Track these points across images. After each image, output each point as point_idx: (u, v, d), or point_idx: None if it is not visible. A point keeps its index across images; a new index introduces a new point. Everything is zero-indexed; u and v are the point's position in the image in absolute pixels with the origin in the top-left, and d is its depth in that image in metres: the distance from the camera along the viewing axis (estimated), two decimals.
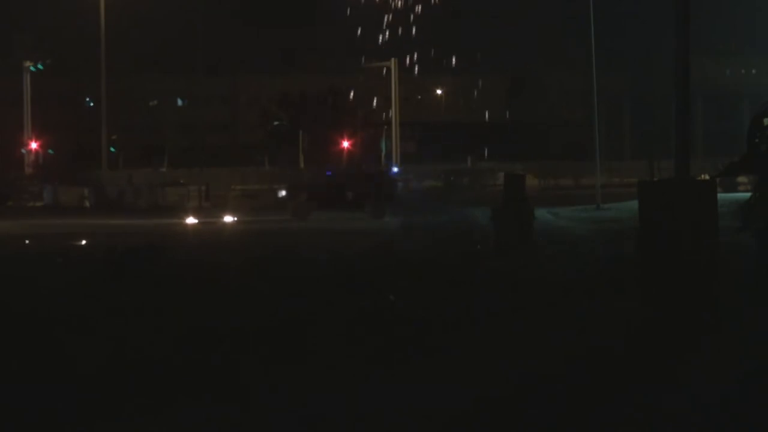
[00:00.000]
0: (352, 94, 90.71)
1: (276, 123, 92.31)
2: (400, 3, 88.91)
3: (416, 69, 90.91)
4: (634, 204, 18.93)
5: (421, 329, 14.03)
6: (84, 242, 32.45)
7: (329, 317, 15.17)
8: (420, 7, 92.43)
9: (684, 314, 14.41)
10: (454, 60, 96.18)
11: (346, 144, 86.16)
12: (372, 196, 47.13)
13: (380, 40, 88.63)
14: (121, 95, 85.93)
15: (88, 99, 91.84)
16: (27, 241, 33.04)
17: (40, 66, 77.97)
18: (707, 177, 41.69)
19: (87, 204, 62.27)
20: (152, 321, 15.18)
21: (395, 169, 52.82)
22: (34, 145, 77.68)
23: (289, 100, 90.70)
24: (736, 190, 45.21)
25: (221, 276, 21.22)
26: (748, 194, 19.30)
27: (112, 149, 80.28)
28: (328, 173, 52.93)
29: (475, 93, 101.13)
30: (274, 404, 10.50)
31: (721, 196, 15.88)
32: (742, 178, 49.14)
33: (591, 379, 11.31)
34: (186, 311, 16.07)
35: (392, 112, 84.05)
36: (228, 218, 46.44)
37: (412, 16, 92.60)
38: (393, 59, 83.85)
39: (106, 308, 16.30)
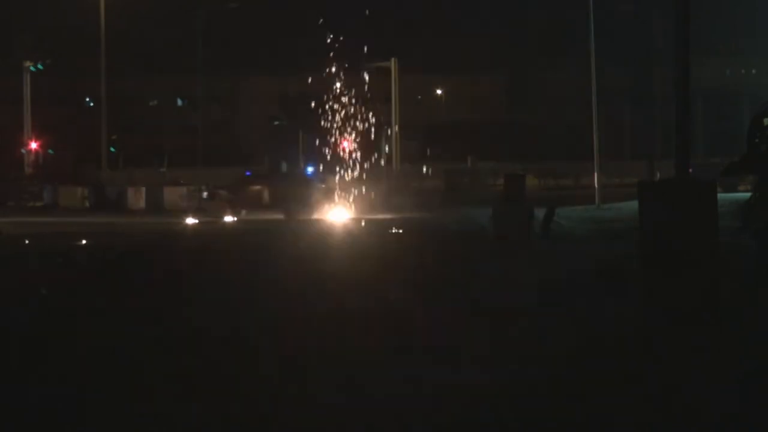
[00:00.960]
0: (351, 93, 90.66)
1: (276, 123, 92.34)
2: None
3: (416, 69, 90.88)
4: (634, 204, 18.92)
5: (420, 329, 14.05)
6: (84, 242, 32.45)
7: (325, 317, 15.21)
8: (420, 7, 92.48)
9: (684, 314, 14.41)
10: (454, 60, 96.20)
11: (346, 144, 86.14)
12: (285, 196, 47.83)
13: (381, 40, 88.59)
14: (121, 95, 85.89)
15: (88, 99, 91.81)
16: (27, 241, 33.04)
17: (40, 66, 77.92)
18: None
19: (87, 204, 62.29)
20: (152, 320, 15.20)
21: (310, 170, 53.18)
22: (34, 145, 77.64)
23: (289, 100, 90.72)
24: (736, 190, 45.17)
25: (218, 274, 21.29)
26: (748, 194, 19.31)
27: (112, 149, 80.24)
28: (247, 173, 53.70)
29: (476, 93, 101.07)
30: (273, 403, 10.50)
31: (721, 196, 15.88)
32: (742, 178, 49.10)
33: (591, 378, 11.31)
34: (185, 310, 16.10)
35: (392, 112, 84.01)
36: (228, 218, 46.57)
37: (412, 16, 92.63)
38: (393, 59, 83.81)
39: (103, 308, 16.31)
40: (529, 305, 16.13)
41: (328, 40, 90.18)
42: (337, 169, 65.35)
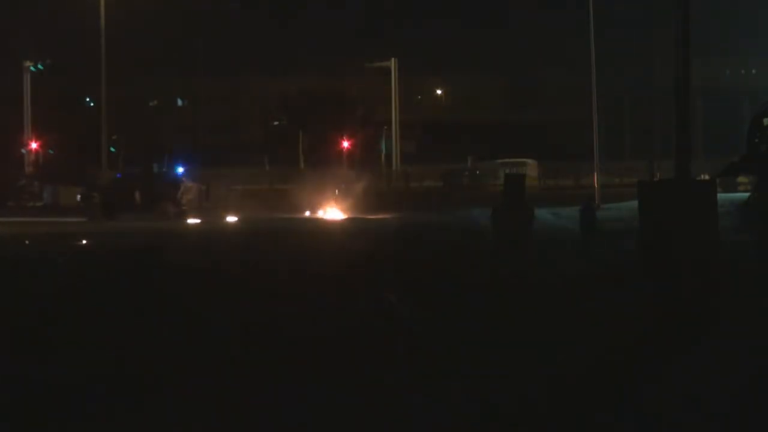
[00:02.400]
0: (351, 93, 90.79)
1: (276, 123, 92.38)
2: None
3: (416, 69, 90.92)
4: (634, 204, 18.94)
5: (424, 330, 14.07)
6: (83, 242, 32.45)
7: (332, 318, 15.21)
8: (421, 7, 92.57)
9: (684, 313, 14.42)
10: (454, 60, 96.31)
11: (346, 144, 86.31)
12: (158, 197, 48.13)
13: (381, 40, 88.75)
14: (122, 95, 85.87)
15: (88, 99, 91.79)
16: (27, 242, 33.03)
17: (40, 66, 77.90)
18: (707, 177, 41.81)
19: None
20: (154, 319, 15.23)
21: (180, 171, 53.25)
22: (34, 145, 77.66)
23: (289, 100, 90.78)
24: (736, 190, 45.16)
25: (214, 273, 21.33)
26: (748, 194, 19.34)
27: (112, 149, 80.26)
28: (119, 175, 53.75)
29: (476, 93, 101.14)
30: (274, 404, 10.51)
31: (721, 196, 15.89)
32: (742, 178, 49.13)
33: (592, 375, 11.32)
34: (183, 309, 16.12)
35: (392, 112, 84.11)
36: (231, 218, 46.63)
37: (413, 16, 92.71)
38: (393, 59, 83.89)
39: (101, 307, 16.33)
40: (529, 304, 16.14)
41: (329, 40, 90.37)
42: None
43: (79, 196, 52.14)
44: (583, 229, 27.95)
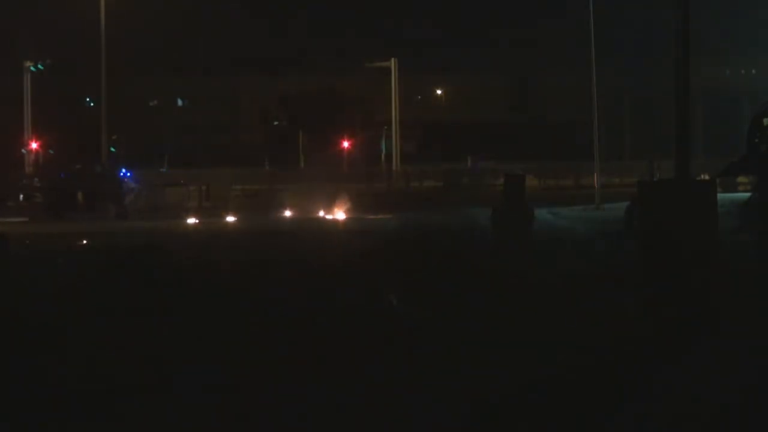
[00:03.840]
0: (351, 93, 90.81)
1: (276, 123, 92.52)
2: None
3: (416, 69, 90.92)
4: None
5: (424, 330, 14.06)
6: (83, 242, 32.46)
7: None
8: (421, 7, 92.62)
9: (683, 314, 14.41)
10: (454, 60, 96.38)
11: (346, 144, 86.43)
12: (101, 197, 48.09)
13: (381, 40, 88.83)
14: (122, 95, 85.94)
15: (88, 99, 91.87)
16: (27, 242, 33.04)
17: (40, 66, 77.93)
18: (707, 177, 41.79)
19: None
20: (153, 319, 15.21)
21: (125, 171, 53.26)
22: (34, 145, 77.69)
23: (289, 100, 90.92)
24: (736, 190, 45.18)
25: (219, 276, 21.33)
26: (748, 194, 19.33)
27: (112, 149, 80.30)
28: (62, 175, 53.67)
29: (476, 93, 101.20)
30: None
31: (721, 196, 15.86)
32: (742, 178, 49.14)
33: (592, 375, 11.32)
34: (182, 309, 16.11)
35: (392, 112, 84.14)
36: (230, 218, 46.60)
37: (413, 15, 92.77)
38: (393, 59, 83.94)
39: (100, 308, 16.33)
40: (529, 304, 16.14)
41: (329, 40, 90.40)
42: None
43: (21, 196, 52.00)
44: (628, 232, 27.29)
